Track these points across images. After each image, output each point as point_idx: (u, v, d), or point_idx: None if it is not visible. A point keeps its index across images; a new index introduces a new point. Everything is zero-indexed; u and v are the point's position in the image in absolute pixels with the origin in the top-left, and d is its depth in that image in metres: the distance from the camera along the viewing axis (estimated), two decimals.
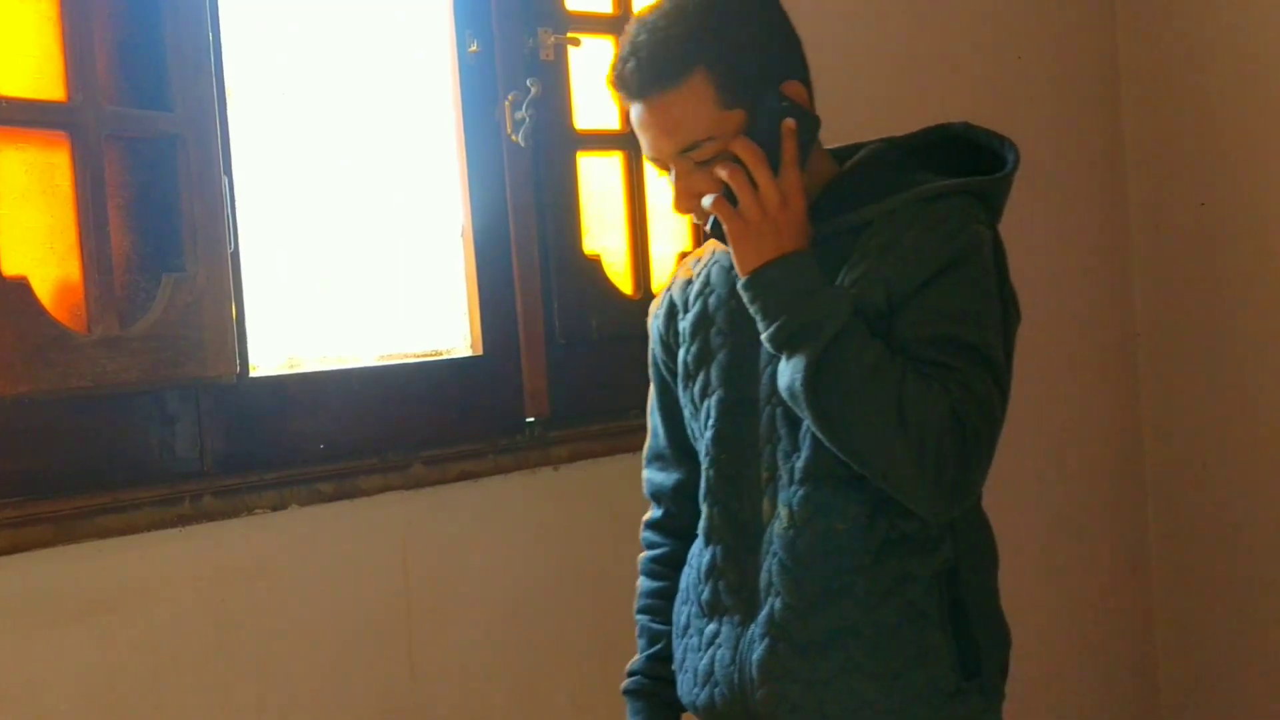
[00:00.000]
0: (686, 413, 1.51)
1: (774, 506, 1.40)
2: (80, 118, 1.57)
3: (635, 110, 1.36)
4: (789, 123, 1.33)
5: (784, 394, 1.34)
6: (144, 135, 1.65)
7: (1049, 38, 2.88)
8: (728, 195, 1.34)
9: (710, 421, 1.45)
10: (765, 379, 1.40)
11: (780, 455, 1.40)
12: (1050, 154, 2.76)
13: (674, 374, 1.53)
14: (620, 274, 2.23)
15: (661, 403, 1.58)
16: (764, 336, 1.35)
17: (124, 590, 1.66)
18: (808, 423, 1.34)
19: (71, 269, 1.58)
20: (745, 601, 1.42)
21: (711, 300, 1.47)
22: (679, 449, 1.56)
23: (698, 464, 1.50)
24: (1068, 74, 2.92)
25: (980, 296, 1.34)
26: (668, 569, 1.59)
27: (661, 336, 1.55)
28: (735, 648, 1.42)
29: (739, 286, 1.36)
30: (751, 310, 1.35)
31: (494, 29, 2.03)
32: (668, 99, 1.32)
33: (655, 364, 1.58)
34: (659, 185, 2.29)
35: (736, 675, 1.42)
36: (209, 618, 1.73)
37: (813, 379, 1.29)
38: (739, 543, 1.43)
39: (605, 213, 2.21)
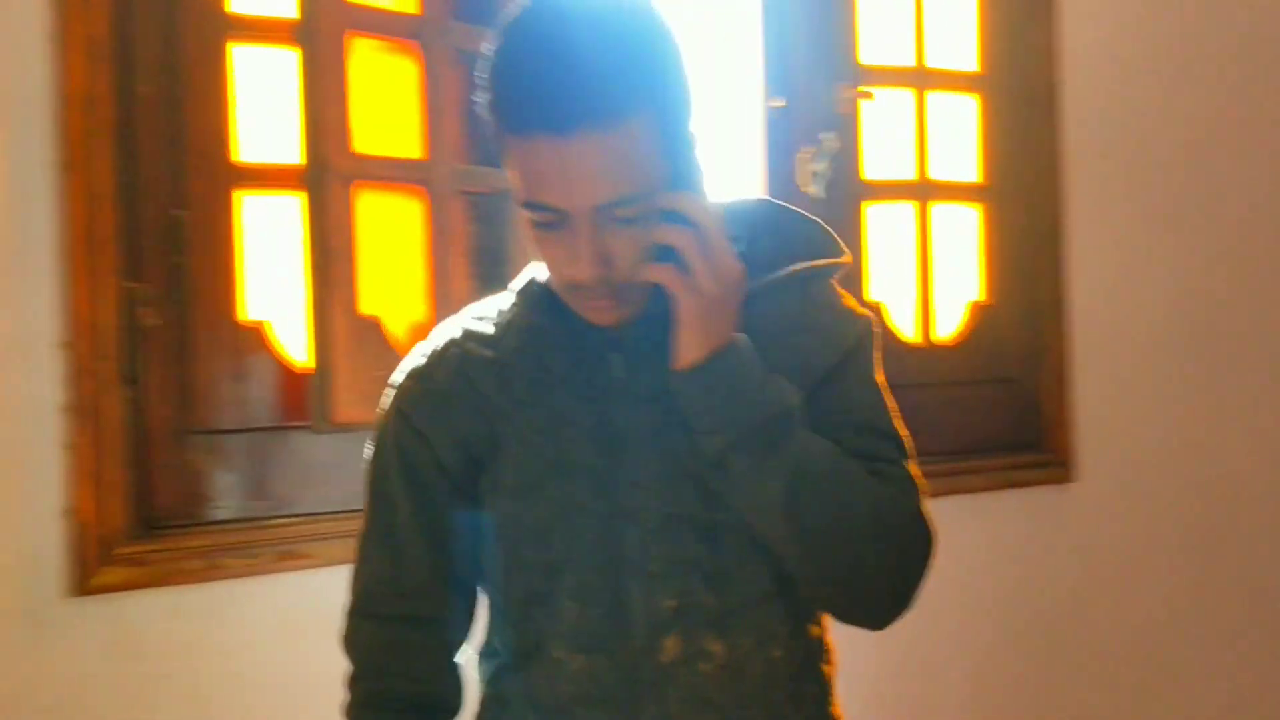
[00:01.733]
0: (493, 535, 1.18)
1: (687, 642, 1.14)
2: (435, 174, 1.76)
3: (548, 148, 1.02)
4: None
5: (745, 508, 1.11)
6: (485, 190, 1.82)
7: None
8: (663, 260, 1.08)
9: (568, 543, 1.14)
10: (665, 488, 1.13)
11: (698, 578, 1.13)
12: None
13: (458, 485, 1.19)
14: (906, 321, 2.27)
15: (420, 522, 1.20)
16: (718, 440, 1.09)
17: None
18: (766, 540, 1.12)
19: (419, 311, 1.76)
20: None
21: (556, 391, 1.16)
22: (446, 586, 1.21)
23: (463, 605, 1.23)
24: None
25: (878, 383, 1.19)
26: None
27: (438, 438, 1.18)
28: None
29: (682, 380, 1.09)
30: (697, 406, 1.09)
31: (797, 85, 2.11)
32: (604, 141, 1.02)
33: (413, 473, 1.19)
34: (945, 232, 2.33)
35: None
36: None
37: (792, 486, 1.08)
38: (620, 695, 1.14)
39: (891, 263, 2.27)
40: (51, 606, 1.64)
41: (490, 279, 1.83)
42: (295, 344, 1.78)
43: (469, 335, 1.21)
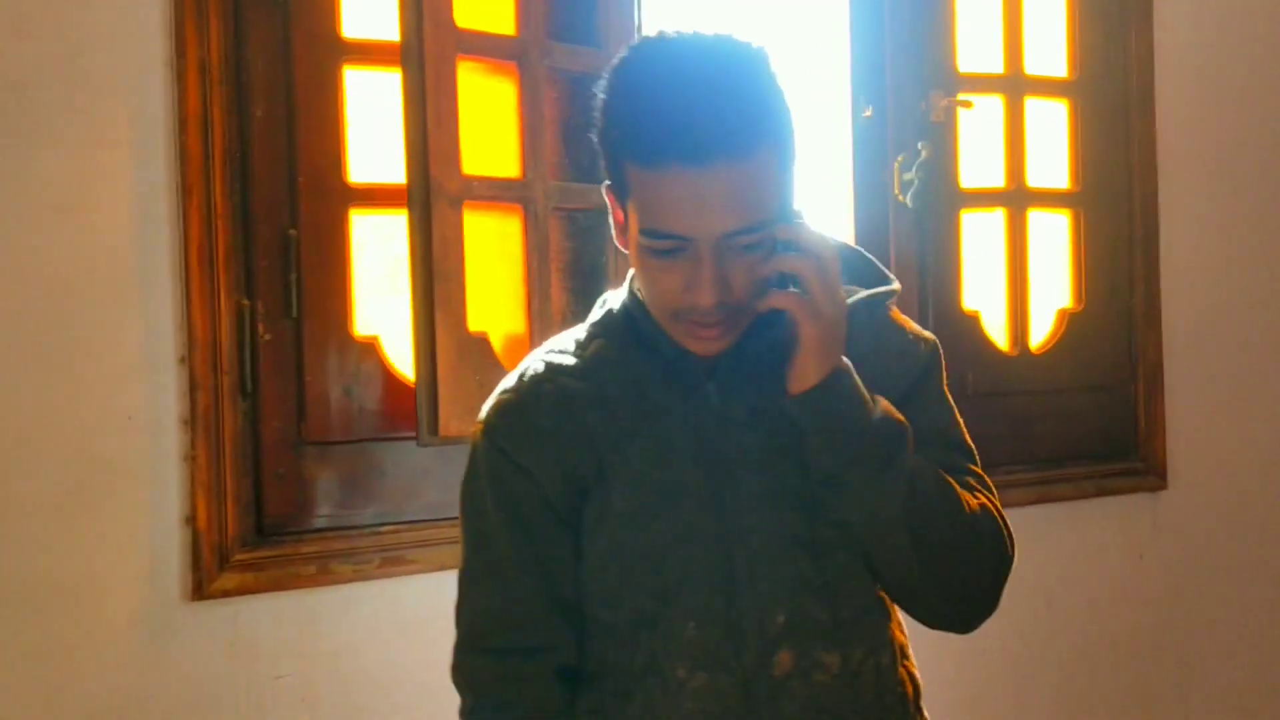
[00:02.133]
0: (600, 561, 1.20)
1: (800, 655, 1.18)
2: (532, 192, 1.81)
3: (684, 178, 1.07)
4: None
5: (865, 522, 1.16)
6: (580, 206, 1.87)
7: None
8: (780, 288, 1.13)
9: (683, 566, 1.18)
10: (771, 509, 1.18)
11: (808, 594, 1.18)
12: None
13: (562, 516, 1.21)
14: (997, 329, 2.28)
15: (526, 556, 1.21)
16: (837, 458, 1.14)
17: None
18: (877, 552, 1.17)
19: (518, 324, 1.82)
20: None
21: (660, 420, 1.20)
22: (555, 615, 1.23)
23: (572, 633, 1.23)
24: None
25: (948, 399, 1.25)
26: None
27: (544, 472, 1.20)
28: None
29: (802, 402, 1.13)
30: (817, 426, 1.14)
31: (888, 93, 2.13)
32: (736, 171, 1.07)
33: (516, 508, 1.21)
34: (1042, 240, 2.33)
35: None
36: None
37: (909, 499, 1.14)
38: (740, 708, 1.18)
39: (982, 270, 2.28)
40: (172, 610, 1.73)
41: (584, 293, 1.87)
42: (404, 357, 1.84)
43: (558, 370, 1.22)
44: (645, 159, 1.07)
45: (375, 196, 1.83)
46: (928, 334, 1.25)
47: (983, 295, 2.29)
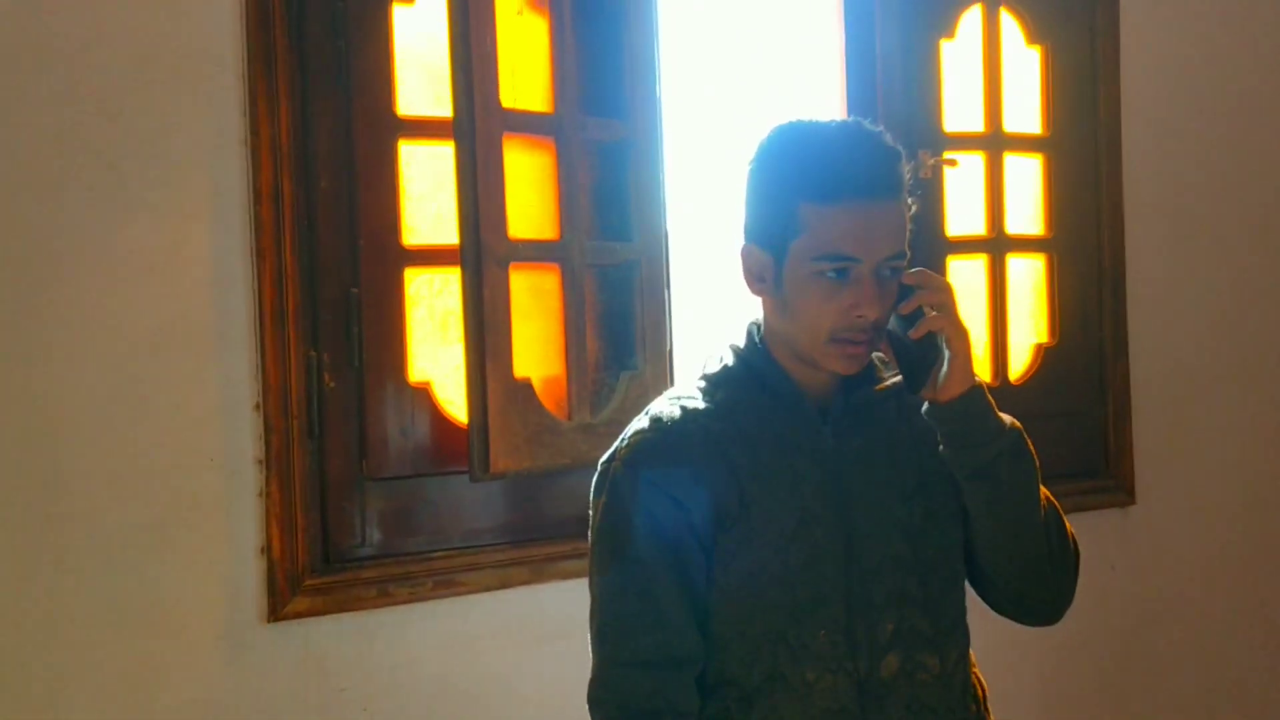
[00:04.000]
0: (735, 583, 1.37)
1: (905, 659, 1.37)
2: (569, 252, 1.99)
3: (866, 211, 1.31)
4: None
5: (1011, 505, 1.36)
6: (611, 262, 2.06)
7: None
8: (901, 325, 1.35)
9: (815, 585, 1.36)
10: (882, 535, 1.38)
11: (912, 607, 1.38)
12: None
13: (702, 542, 1.37)
14: (979, 363, 2.49)
15: (673, 577, 1.36)
16: (989, 451, 1.34)
17: (577, 623, 2.08)
18: (1016, 535, 1.38)
19: (556, 369, 2.00)
20: None
21: (794, 455, 1.38)
22: (696, 630, 1.38)
23: (704, 644, 1.38)
24: None
25: None
26: None
27: (694, 502, 1.37)
28: None
29: (955, 406, 1.34)
30: (970, 425, 1.34)
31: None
32: (892, 206, 1.33)
33: (664, 535, 1.36)
34: (1019, 282, 2.54)
35: None
36: None
37: (1037, 489, 1.38)
38: (855, 705, 1.36)
39: (966, 309, 2.47)
40: (250, 631, 1.89)
41: (615, 340, 2.06)
42: (453, 400, 2.02)
43: (698, 413, 1.40)
44: (823, 197, 1.31)
45: (427, 257, 2.01)
46: None
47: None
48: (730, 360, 1.45)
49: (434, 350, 2.02)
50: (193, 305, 1.86)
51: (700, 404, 1.42)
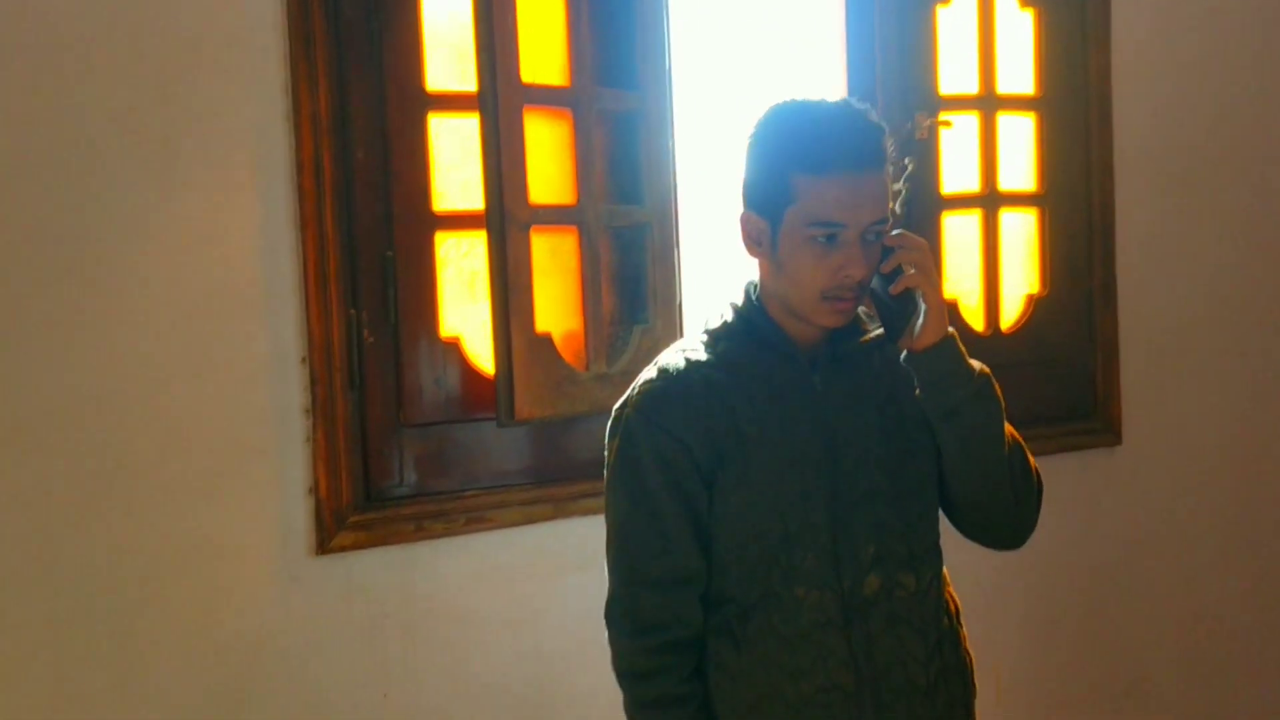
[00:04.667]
0: (733, 514, 1.54)
1: (885, 579, 1.55)
2: (585, 215, 2.15)
3: (853, 181, 1.47)
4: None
5: (977, 443, 1.54)
6: (625, 224, 2.21)
7: None
8: (884, 281, 1.52)
9: (804, 514, 1.53)
10: (864, 471, 1.55)
11: (890, 534, 1.55)
12: None
13: (705, 477, 1.54)
14: (973, 313, 2.64)
15: (679, 508, 1.54)
16: (960, 394, 1.52)
17: (596, 555, 2.26)
18: (981, 467, 1.55)
19: (575, 324, 2.17)
20: (857, 677, 1.54)
21: (787, 400, 1.55)
22: (700, 553, 1.56)
23: (707, 565, 1.56)
24: None
25: None
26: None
27: (696, 442, 1.53)
28: (862, 716, 1.54)
29: (930, 354, 1.51)
30: (942, 370, 1.52)
31: (879, 114, 2.46)
32: (877, 178, 1.49)
33: (671, 471, 1.53)
34: (1012, 236, 2.68)
35: None
36: None
37: (1003, 428, 1.56)
38: (839, 618, 1.53)
39: (961, 263, 2.63)
40: (300, 563, 2.08)
41: (629, 296, 2.23)
42: (481, 353, 2.19)
43: (701, 364, 1.57)
44: (814, 169, 1.47)
45: (455, 221, 2.16)
46: None
47: (961, 284, 2.62)
48: (730, 316, 1.62)
49: (463, 307, 2.19)
50: (243, 270, 2.02)
51: (702, 355, 1.59)
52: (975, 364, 1.57)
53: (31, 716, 1.91)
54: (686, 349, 1.62)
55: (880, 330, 1.61)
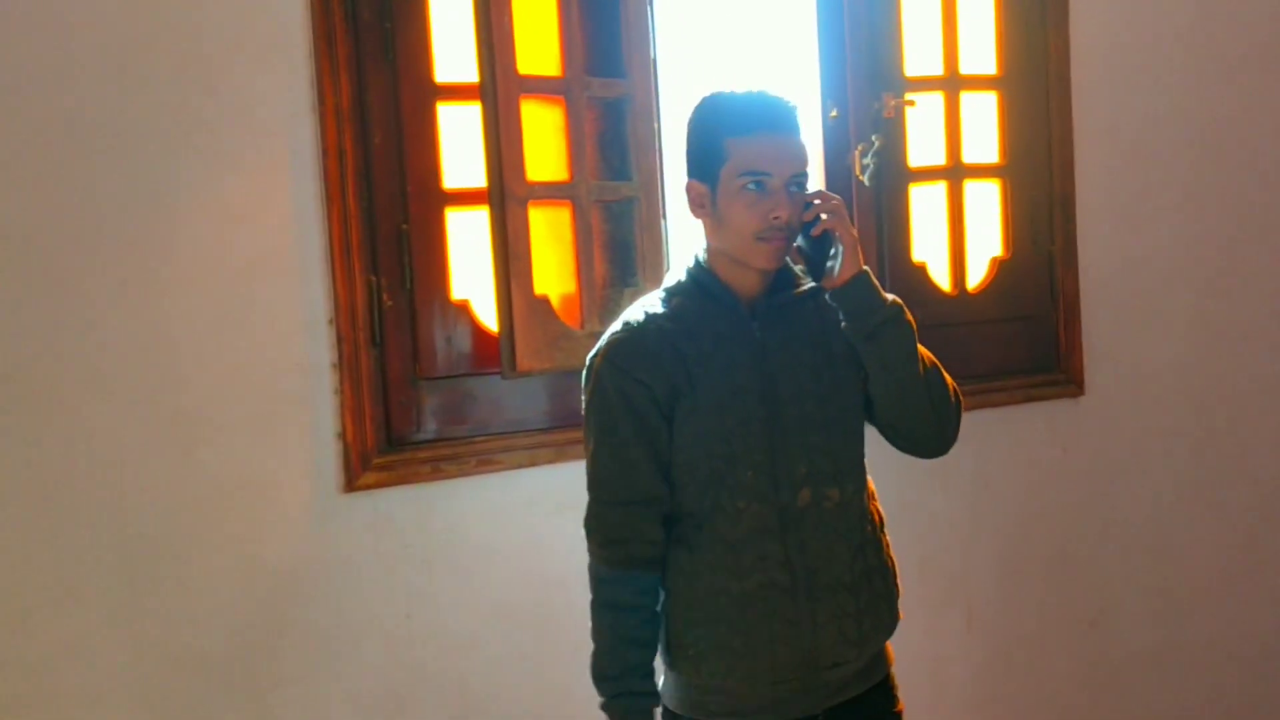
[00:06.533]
0: (687, 440, 1.78)
1: (814, 492, 1.80)
2: (577, 191, 2.41)
3: (773, 139, 1.76)
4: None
5: (894, 362, 1.78)
6: (614, 198, 2.46)
7: None
8: (807, 229, 1.79)
9: (745, 439, 1.77)
10: (797, 400, 1.80)
11: (819, 453, 1.80)
12: None
13: (664, 412, 1.79)
14: (941, 275, 2.87)
15: (643, 439, 1.79)
16: (876, 318, 1.77)
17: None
18: (890, 390, 1.81)
19: (571, 288, 2.43)
20: (791, 575, 1.78)
21: (728, 345, 1.80)
22: (660, 477, 1.81)
23: (668, 490, 1.81)
24: None
25: None
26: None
27: (654, 381, 1.78)
28: (796, 608, 1.78)
29: (849, 287, 1.76)
30: (860, 299, 1.77)
31: (849, 97, 2.70)
32: (795, 140, 1.78)
33: (635, 407, 1.78)
34: (977, 203, 2.90)
35: (809, 633, 1.79)
36: None
37: (916, 349, 1.81)
38: (776, 526, 1.78)
39: (929, 228, 2.84)
40: (330, 501, 2.33)
41: (619, 263, 2.48)
42: (488, 315, 2.45)
43: (656, 317, 1.82)
44: (744, 130, 1.75)
45: (463, 198, 2.42)
46: None
47: (929, 249, 2.81)
48: (682, 275, 1.88)
49: (470, 273, 2.44)
50: (278, 241, 2.28)
51: (659, 309, 1.85)
52: (889, 296, 1.82)
53: (103, 630, 2.21)
54: (646, 305, 1.88)
55: (812, 285, 1.86)
